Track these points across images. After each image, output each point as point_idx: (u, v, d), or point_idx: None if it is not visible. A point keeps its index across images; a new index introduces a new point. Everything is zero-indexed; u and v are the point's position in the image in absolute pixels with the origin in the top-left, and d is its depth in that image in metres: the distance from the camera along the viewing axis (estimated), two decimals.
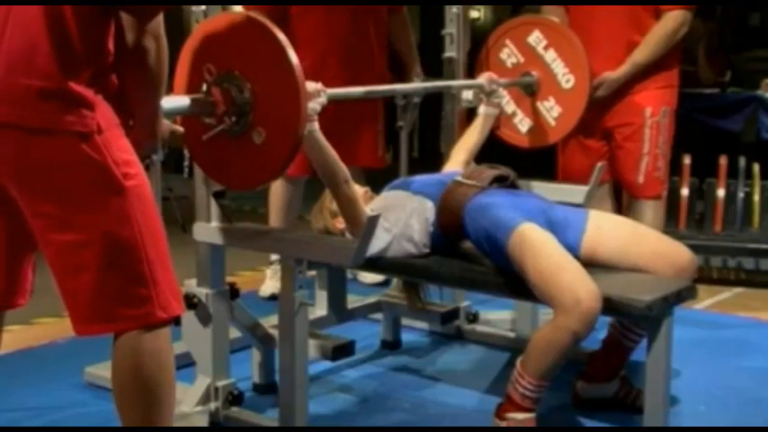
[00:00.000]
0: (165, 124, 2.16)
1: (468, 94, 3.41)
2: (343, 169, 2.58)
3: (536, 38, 3.41)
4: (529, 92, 3.43)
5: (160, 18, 1.96)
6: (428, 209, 2.72)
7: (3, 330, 2.12)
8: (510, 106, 3.48)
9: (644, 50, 3.47)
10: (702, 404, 2.89)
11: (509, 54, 3.46)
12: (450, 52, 3.46)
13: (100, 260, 1.88)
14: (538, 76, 3.41)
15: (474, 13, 8.32)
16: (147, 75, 1.98)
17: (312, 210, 2.94)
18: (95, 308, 1.91)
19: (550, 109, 3.42)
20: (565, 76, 3.37)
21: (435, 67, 3.61)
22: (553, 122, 3.43)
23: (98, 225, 1.87)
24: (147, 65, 1.96)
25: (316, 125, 2.49)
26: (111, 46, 1.92)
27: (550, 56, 3.38)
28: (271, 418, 2.67)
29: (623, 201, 3.84)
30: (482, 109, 3.25)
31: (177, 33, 2.41)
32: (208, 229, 2.62)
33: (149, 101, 2.03)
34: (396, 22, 4.07)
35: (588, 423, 2.74)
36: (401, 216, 2.70)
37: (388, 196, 2.83)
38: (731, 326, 3.78)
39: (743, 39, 6.42)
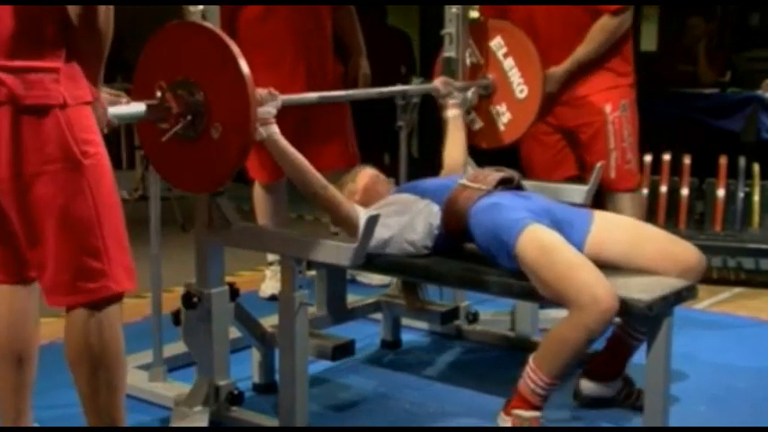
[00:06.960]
0: (107, 98, 2.18)
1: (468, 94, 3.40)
2: (316, 176, 2.56)
3: (497, 43, 3.47)
4: (483, 94, 3.47)
5: None
6: (434, 213, 2.70)
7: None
8: None
9: (585, 47, 3.57)
10: (702, 404, 2.89)
11: (470, 54, 3.51)
12: (449, 52, 3.46)
13: (56, 232, 1.95)
14: (493, 79, 3.46)
15: (474, 14, 8.29)
16: (95, 32, 1.99)
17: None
18: (56, 279, 1.99)
19: (502, 114, 3.48)
20: (519, 86, 3.43)
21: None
22: (502, 128, 3.49)
23: (53, 198, 1.93)
24: (97, 23, 1.97)
25: (274, 128, 2.51)
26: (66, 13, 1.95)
27: (509, 63, 3.44)
28: (271, 418, 2.67)
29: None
30: (448, 113, 3.27)
31: None
32: (208, 229, 2.62)
33: (94, 59, 2.03)
34: (344, 16, 4.09)
35: (588, 423, 2.74)
36: (405, 217, 2.70)
37: (397, 198, 2.83)
38: (731, 326, 3.78)
39: (743, 39, 6.43)
